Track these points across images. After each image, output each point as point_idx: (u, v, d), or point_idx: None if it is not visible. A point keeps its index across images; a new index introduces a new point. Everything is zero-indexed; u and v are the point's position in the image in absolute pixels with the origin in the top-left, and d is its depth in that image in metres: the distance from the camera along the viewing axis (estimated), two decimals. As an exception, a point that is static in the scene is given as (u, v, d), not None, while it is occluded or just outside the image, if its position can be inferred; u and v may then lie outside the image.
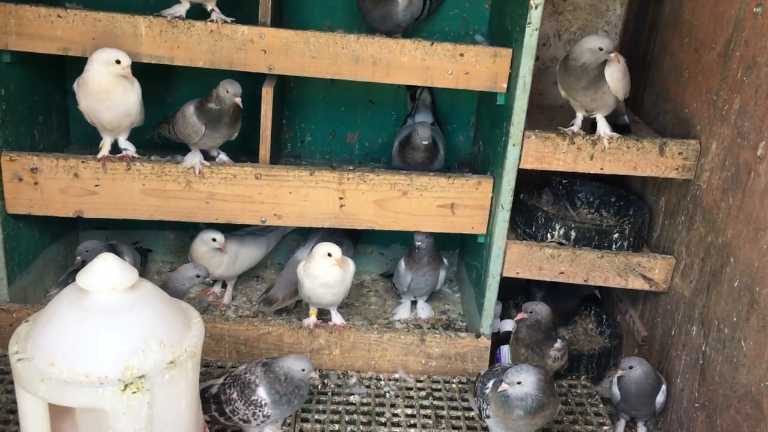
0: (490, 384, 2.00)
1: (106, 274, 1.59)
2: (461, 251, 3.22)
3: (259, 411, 2.09)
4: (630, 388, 2.39)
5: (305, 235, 3.06)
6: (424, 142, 2.66)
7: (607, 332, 3.01)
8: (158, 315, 1.64)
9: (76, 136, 2.97)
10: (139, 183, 2.47)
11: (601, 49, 2.27)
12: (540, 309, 2.44)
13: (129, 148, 2.47)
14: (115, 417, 1.53)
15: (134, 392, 1.52)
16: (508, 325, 2.90)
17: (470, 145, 3.13)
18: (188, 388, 1.65)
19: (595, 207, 2.95)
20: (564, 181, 2.97)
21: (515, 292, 3.14)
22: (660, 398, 2.43)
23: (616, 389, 2.44)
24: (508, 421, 1.94)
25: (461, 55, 2.42)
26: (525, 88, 2.35)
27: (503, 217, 2.52)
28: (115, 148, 2.47)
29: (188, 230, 3.14)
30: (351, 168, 2.57)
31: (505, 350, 2.78)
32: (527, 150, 2.43)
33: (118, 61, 2.26)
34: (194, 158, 2.47)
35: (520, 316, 2.42)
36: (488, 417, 1.99)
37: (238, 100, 2.35)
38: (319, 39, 2.38)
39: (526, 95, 2.36)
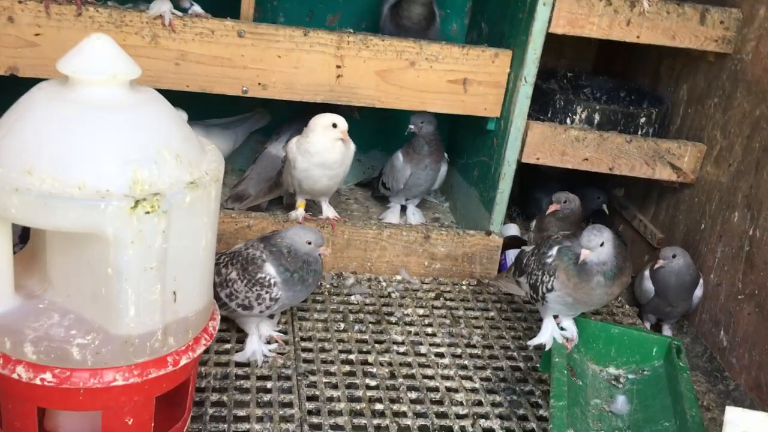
0: (553, 252, 1.67)
1: (104, 58, 1.15)
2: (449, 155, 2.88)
3: (266, 293, 1.68)
4: (669, 280, 2.13)
5: (276, 130, 2.65)
6: None
7: (608, 243, 2.76)
8: (171, 123, 1.21)
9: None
10: (92, 33, 1.98)
11: None
12: (573, 198, 2.15)
13: (80, -10, 1.98)
14: (120, 247, 1.10)
15: (147, 212, 1.09)
16: (512, 230, 2.60)
17: (464, 33, 2.79)
18: (210, 222, 1.24)
19: (603, 102, 2.68)
20: (569, 74, 2.70)
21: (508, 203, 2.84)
22: (698, 292, 2.19)
23: (649, 284, 2.19)
24: (581, 291, 1.62)
25: None
26: (562, -66, 2.04)
27: (525, 92, 2.21)
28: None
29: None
30: (351, 30, 2.18)
31: (511, 255, 2.47)
32: (559, 10, 2.12)
33: None
34: (163, 5, 2.01)
35: (552, 207, 2.12)
36: (550, 291, 1.66)
37: None
38: None
39: (562, -57, 2.05)
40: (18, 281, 1.23)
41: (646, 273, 2.21)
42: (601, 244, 1.57)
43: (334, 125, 2.05)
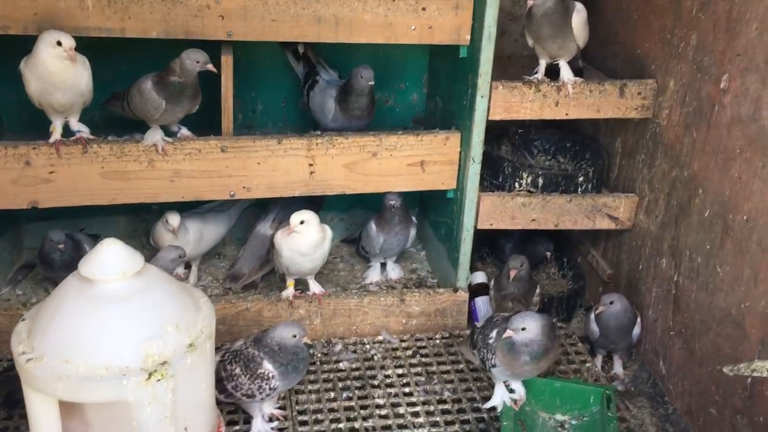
0: (493, 334, 2.03)
1: (114, 260, 1.50)
2: (422, 209, 3.23)
3: (266, 384, 2.04)
4: (609, 323, 2.48)
5: (264, 208, 2.99)
6: (371, 83, 2.55)
7: (569, 274, 3.11)
8: (169, 298, 1.57)
9: (10, 124, 2.77)
10: (97, 166, 2.33)
11: None
12: (523, 260, 2.49)
13: (83, 130, 2.32)
14: (140, 408, 1.46)
15: (159, 380, 1.46)
16: (480, 277, 2.94)
17: (424, 102, 3.12)
18: (207, 370, 1.60)
19: (551, 154, 3.01)
20: (520, 131, 3.01)
21: (479, 245, 3.19)
22: (636, 330, 2.53)
23: (594, 326, 2.53)
24: (514, 368, 1.98)
25: (423, 9, 2.39)
26: (491, 38, 2.35)
27: (474, 170, 2.54)
28: (67, 131, 2.32)
29: (139, 214, 3.02)
30: (318, 133, 2.52)
31: (479, 302, 2.82)
32: (495, 101, 2.44)
33: (59, 43, 2.12)
34: (155, 135, 2.35)
35: (513, 274, 2.45)
36: (494, 366, 2.02)
37: (210, 66, 2.25)
38: (279, 1, 2.30)
39: (492, 46, 2.37)
40: (64, 424, 1.60)
41: (592, 316, 2.55)
42: (523, 329, 1.93)
43: (302, 222, 2.40)
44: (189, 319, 1.57)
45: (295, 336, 2.10)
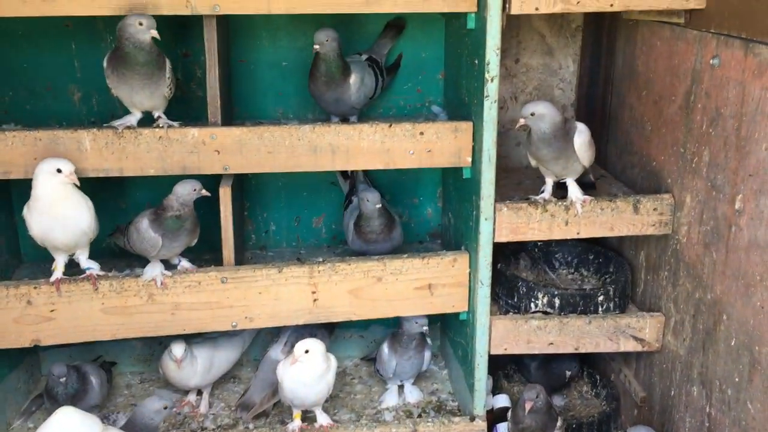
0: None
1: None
2: (443, 326, 3.10)
3: None
4: (638, 460, 2.28)
5: (277, 331, 2.92)
6: (377, 206, 2.53)
7: (603, 393, 2.91)
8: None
9: (28, 255, 2.82)
10: (98, 302, 2.33)
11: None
12: (539, 390, 2.33)
13: (93, 267, 2.33)
14: None
15: None
16: (502, 401, 2.79)
17: (440, 216, 3.04)
18: None
19: (574, 266, 2.87)
20: (539, 244, 2.89)
21: (504, 362, 3.04)
22: (669, 467, 2.32)
23: (623, 460, 2.33)
24: None
25: (421, 133, 2.35)
26: (491, 161, 2.28)
27: (484, 293, 2.43)
28: (75, 266, 2.34)
29: (156, 337, 2.99)
30: (321, 260, 2.46)
31: (501, 429, 2.66)
32: (500, 223, 2.35)
33: (59, 170, 2.15)
34: (154, 270, 2.34)
35: (528, 406, 2.30)
36: None
37: (205, 192, 2.28)
38: (274, 133, 2.29)
39: (493, 168, 2.29)
40: None
41: (620, 449, 2.36)
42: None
43: (307, 351, 2.32)
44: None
45: None
